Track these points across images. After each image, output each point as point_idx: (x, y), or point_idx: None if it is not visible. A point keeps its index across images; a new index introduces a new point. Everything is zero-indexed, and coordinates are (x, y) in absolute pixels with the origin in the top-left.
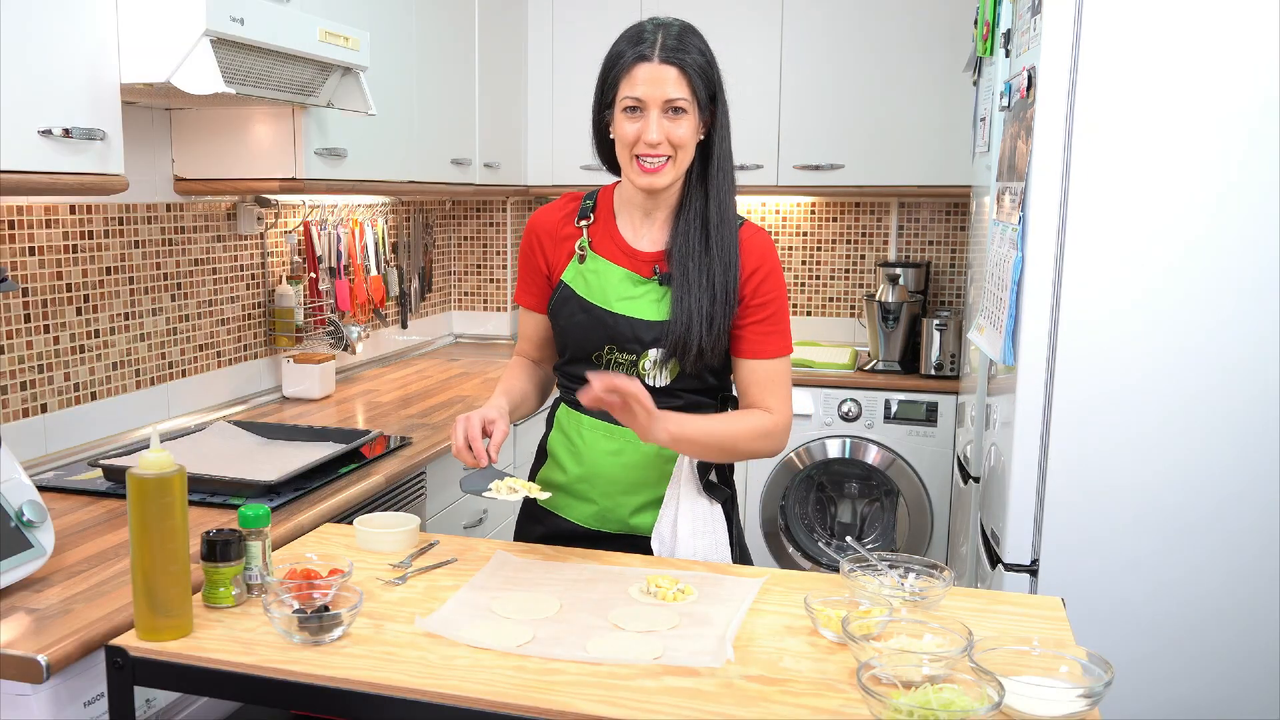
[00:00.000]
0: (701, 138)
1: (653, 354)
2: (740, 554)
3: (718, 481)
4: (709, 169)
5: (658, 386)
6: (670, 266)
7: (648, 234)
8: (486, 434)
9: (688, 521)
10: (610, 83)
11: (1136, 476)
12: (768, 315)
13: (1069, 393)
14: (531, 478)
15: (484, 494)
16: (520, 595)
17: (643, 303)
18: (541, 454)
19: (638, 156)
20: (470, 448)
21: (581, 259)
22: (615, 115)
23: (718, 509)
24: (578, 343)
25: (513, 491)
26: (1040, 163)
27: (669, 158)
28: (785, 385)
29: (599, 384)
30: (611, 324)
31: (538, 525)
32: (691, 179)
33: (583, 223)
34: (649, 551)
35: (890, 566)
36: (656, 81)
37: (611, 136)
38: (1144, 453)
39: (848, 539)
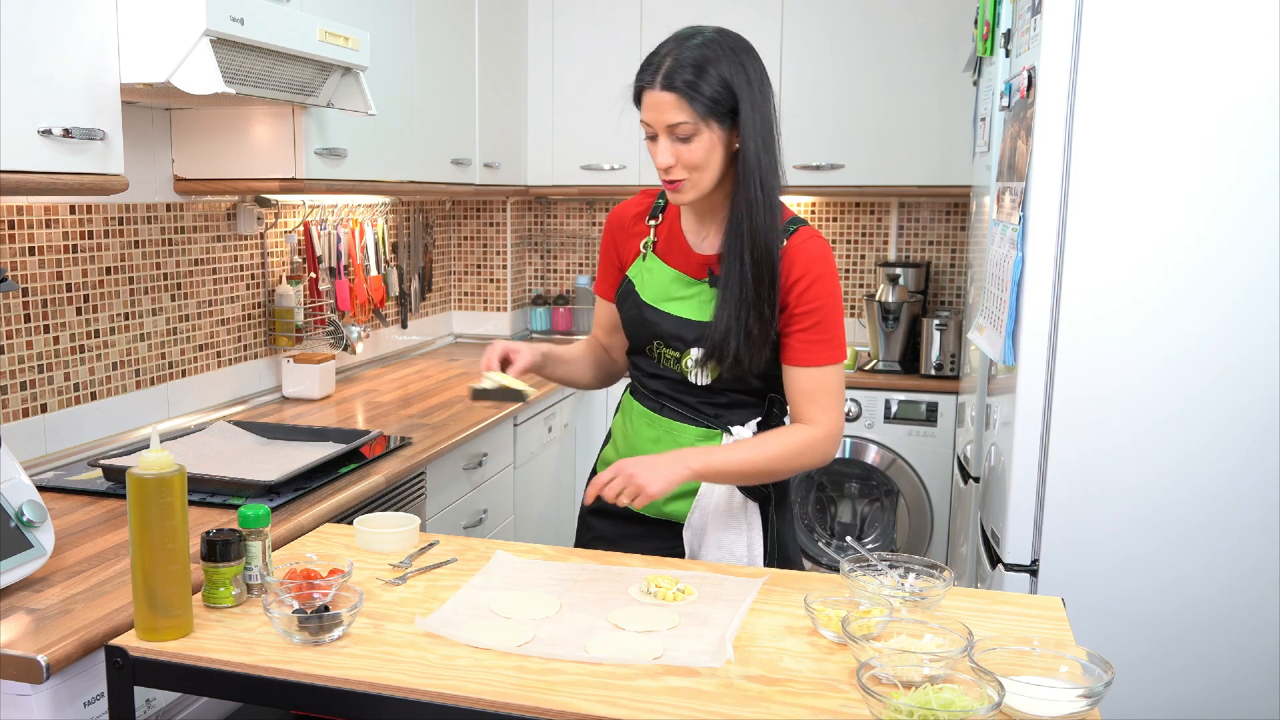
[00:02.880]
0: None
1: (694, 353)
2: (781, 557)
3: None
4: (739, 181)
5: (700, 385)
6: (720, 270)
7: (708, 236)
8: (510, 361)
9: (719, 516)
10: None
11: (1137, 476)
12: (813, 323)
13: (1069, 393)
14: (598, 455)
15: (477, 387)
16: (520, 595)
17: (691, 303)
18: (608, 434)
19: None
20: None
21: (644, 257)
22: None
23: (754, 508)
24: (633, 336)
25: (490, 381)
26: (1040, 163)
27: (684, 178)
28: (831, 394)
29: (591, 497)
30: (656, 321)
31: (594, 501)
32: (735, 188)
33: (652, 221)
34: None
35: (890, 566)
36: (658, 108)
37: None
38: (1144, 453)
39: (848, 539)
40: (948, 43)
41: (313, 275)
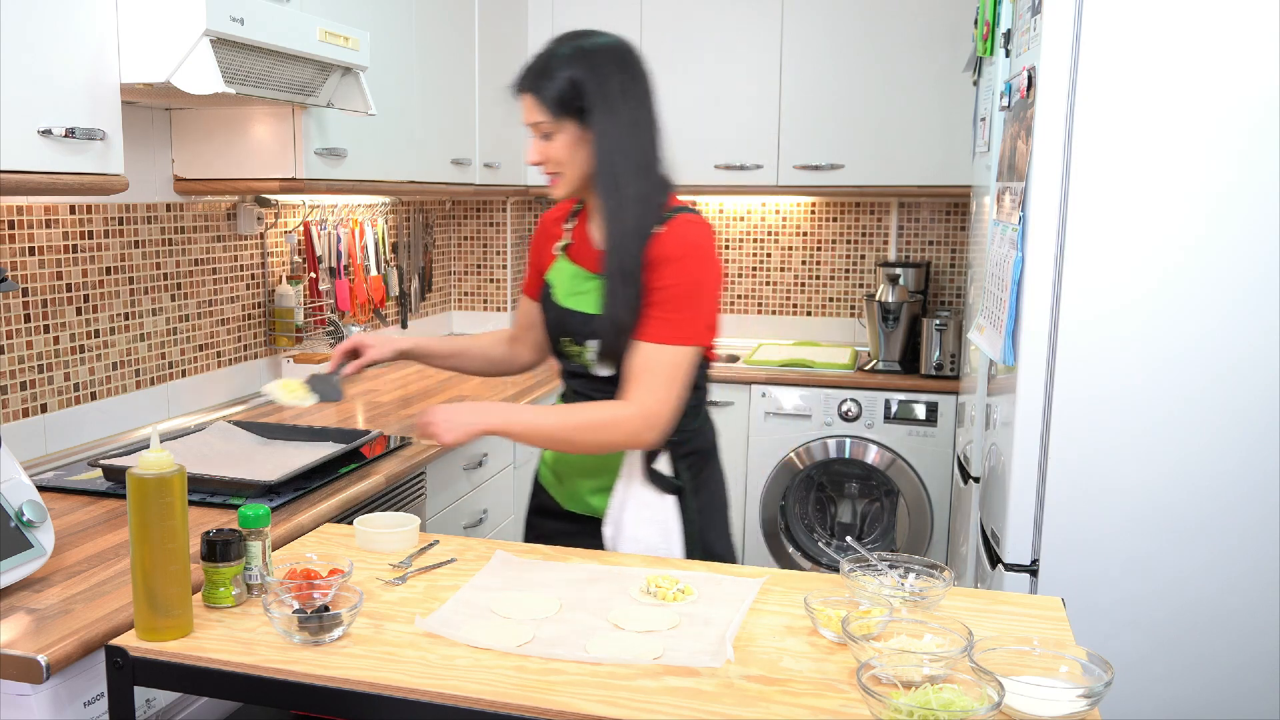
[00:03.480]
0: None
1: (591, 345)
2: (702, 550)
3: (668, 473)
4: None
5: (602, 376)
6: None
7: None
8: (360, 353)
9: (634, 509)
10: None
11: (1137, 476)
12: (659, 300)
13: (1069, 392)
14: (541, 455)
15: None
16: (520, 595)
17: (589, 298)
18: None
19: None
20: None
21: (558, 259)
22: None
23: (668, 500)
24: (551, 336)
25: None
26: (1040, 163)
27: (556, 173)
28: (657, 375)
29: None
30: (561, 317)
31: (534, 499)
32: None
33: (568, 225)
34: None
35: (890, 566)
36: (524, 109)
37: None
38: (1144, 452)
39: (848, 539)
40: (948, 42)
41: (313, 275)
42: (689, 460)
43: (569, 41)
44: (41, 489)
